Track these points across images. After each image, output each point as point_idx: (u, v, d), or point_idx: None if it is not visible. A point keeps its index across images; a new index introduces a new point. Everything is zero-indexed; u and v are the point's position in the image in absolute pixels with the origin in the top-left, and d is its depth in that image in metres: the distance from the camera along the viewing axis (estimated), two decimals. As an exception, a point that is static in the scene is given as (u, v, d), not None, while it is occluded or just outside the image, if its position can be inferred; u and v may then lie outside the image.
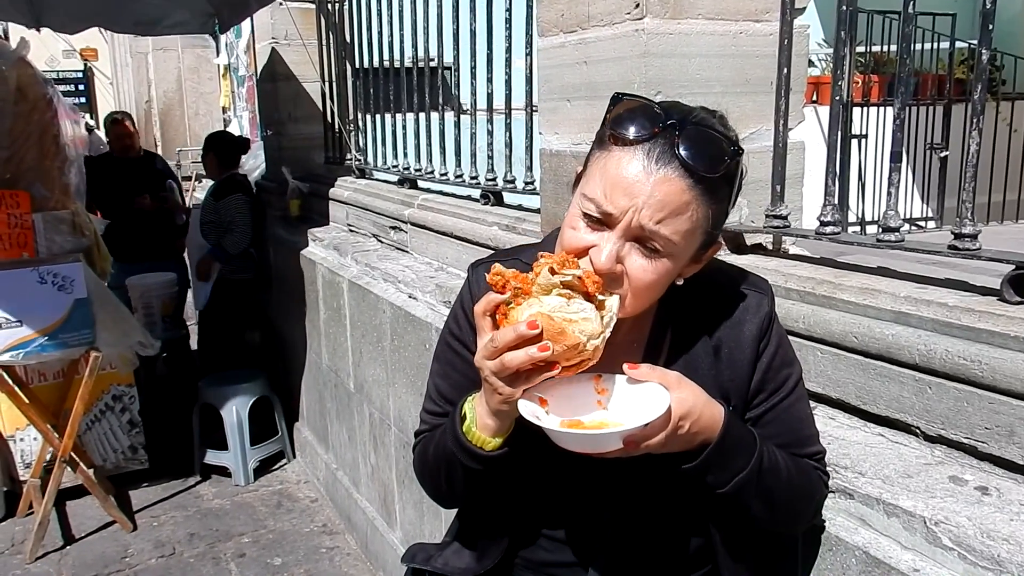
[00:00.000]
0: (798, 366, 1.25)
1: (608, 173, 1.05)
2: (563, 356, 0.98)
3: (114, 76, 13.23)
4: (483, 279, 1.25)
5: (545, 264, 0.99)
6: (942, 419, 1.36)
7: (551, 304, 0.98)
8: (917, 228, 7.72)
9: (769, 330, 1.21)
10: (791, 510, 1.21)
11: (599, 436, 1.02)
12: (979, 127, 1.39)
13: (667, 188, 1.02)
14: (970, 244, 1.41)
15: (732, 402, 1.19)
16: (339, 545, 3.66)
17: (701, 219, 1.05)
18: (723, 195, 1.08)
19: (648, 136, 1.03)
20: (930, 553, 1.19)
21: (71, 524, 3.85)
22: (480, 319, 1.04)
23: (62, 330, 3.65)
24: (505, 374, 1.01)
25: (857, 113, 7.13)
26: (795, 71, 1.81)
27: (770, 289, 1.26)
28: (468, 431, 1.14)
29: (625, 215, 1.03)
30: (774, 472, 1.13)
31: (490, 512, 1.30)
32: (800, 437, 1.23)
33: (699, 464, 1.08)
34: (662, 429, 1.01)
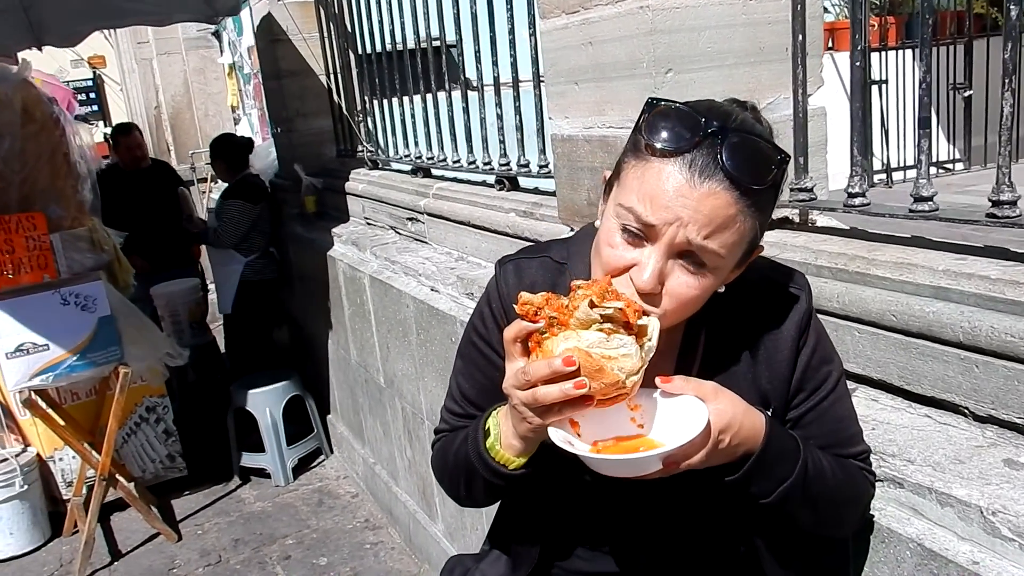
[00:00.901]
0: (838, 361, 1.20)
1: (647, 185, 0.99)
2: (599, 392, 0.93)
3: (123, 82, 13.26)
4: (511, 277, 1.24)
5: (584, 297, 0.93)
6: (991, 398, 1.29)
7: (589, 339, 0.92)
8: (945, 171, 7.54)
9: (808, 328, 1.16)
10: (837, 515, 1.16)
11: (637, 460, 0.97)
12: (1012, 87, 1.30)
13: (713, 202, 0.96)
14: (1009, 211, 1.34)
15: (772, 405, 1.14)
16: (383, 540, 3.67)
17: (748, 231, 1.01)
18: (769, 204, 1.04)
19: (689, 147, 0.98)
20: (989, 544, 1.14)
21: (117, 539, 3.90)
22: (510, 345, 0.99)
23: (89, 349, 3.67)
24: (537, 407, 0.96)
25: (876, 58, 6.94)
26: (811, 35, 1.73)
27: (807, 284, 1.20)
28: (491, 448, 1.11)
29: (668, 229, 0.97)
30: (819, 478, 1.09)
31: (523, 520, 1.27)
32: (843, 437, 1.18)
33: (742, 476, 1.04)
34: (702, 446, 0.97)
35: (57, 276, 3.84)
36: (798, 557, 1.19)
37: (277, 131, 5.20)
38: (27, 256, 3.83)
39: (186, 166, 7.80)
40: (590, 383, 0.92)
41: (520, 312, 0.97)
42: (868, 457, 1.21)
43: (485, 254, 2.83)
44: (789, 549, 1.18)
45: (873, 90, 6.88)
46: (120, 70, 13.11)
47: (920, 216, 1.47)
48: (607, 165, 1.90)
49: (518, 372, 0.97)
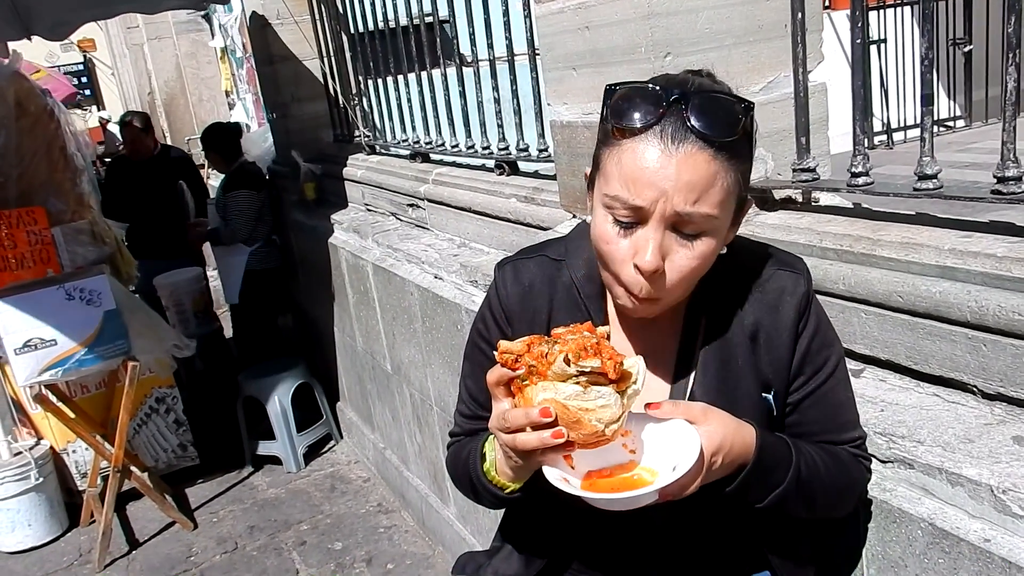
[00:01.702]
0: (838, 346, 1.21)
1: (626, 168, 1.01)
2: (580, 440, 0.96)
3: (114, 66, 13.16)
4: (509, 278, 1.25)
5: (561, 352, 0.94)
6: (1000, 376, 1.30)
7: (566, 392, 0.93)
8: (946, 129, 7.51)
9: (807, 311, 1.17)
10: (831, 505, 1.20)
11: (633, 497, 0.97)
12: (1017, 61, 1.29)
13: (692, 165, 0.98)
14: (1015, 187, 1.33)
15: (774, 388, 1.15)
16: (396, 523, 3.71)
17: (732, 185, 1.03)
18: (745, 154, 1.06)
19: (656, 119, 1.00)
20: (1000, 522, 1.15)
21: (134, 528, 3.94)
22: (493, 388, 1.01)
23: (97, 343, 3.68)
24: (517, 451, 1.00)
25: (873, 17, 6.88)
26: (810, 11, 1.71)
27: (805, 268, 1.21)
28: (488, 472, 1.15)
29: (656, 205, 0.99)
30: (813, 478, 1.12)
31: (535, 517, 1.29)
32: (840, 422, 1.20)
33: (736, 488, 1.07)
34: (697, 473, 0.99)
35: (60, 270, 3.84)
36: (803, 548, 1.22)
37: (272, 117, 5.17)
38: (29, 251, 3.82)
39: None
40: (568, 432, 0.94)
41: (499, 360, 0.98)
42: (863, 443, 1.24)
43: (487, 240, 2.83)
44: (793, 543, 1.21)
45: (872, 50, 6.83)
46: (111, 54, 13.00)
47: (924, 194, 1.46)
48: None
49: (500, 416, 0.99)
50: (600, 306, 1.20)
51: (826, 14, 6.77)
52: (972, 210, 1.48)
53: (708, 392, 1.14)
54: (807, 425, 1.17)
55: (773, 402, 1.16)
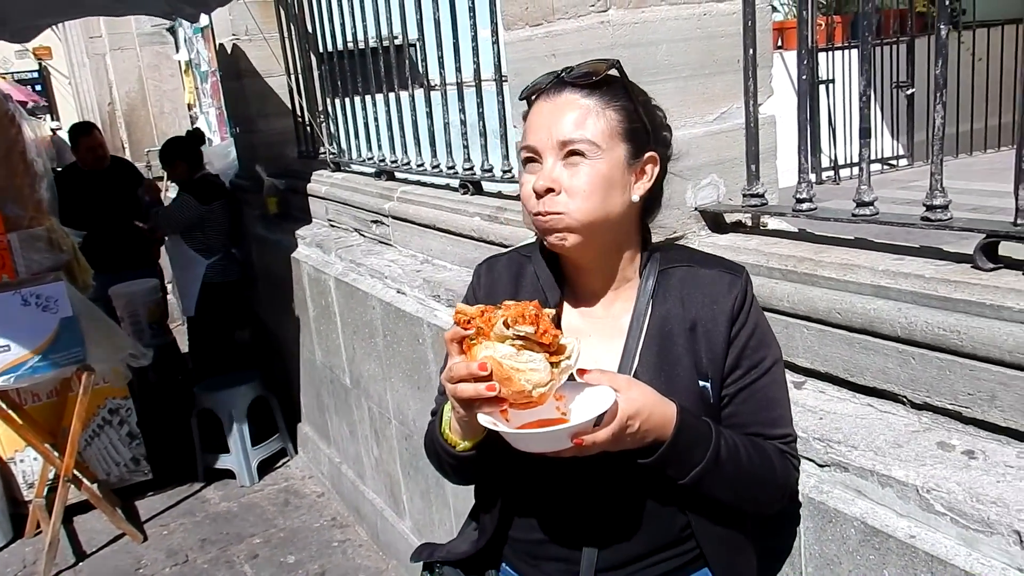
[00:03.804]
0: (776, 350, 1.32)
1: (528, 125, 1.26)
2: (510, 397, 1.08)
3: (72, 76, 12.98)
4: (483, 273, 1.44)
5: (502, 316, 1.08)
6: (927, 387, 1.41)
7: (502, 351, 1.07)
8: (890, 167, 7.81)
9: (743, 309, 1.29)
10: (754, 494, 1.29)
11: (548, 434, 1.09)
12: (943, 100, 1.42)
13: (568, 106, 1.21)
14: (942, 215, 1.46)
15: (710, 377, 1.27)
16: (350, 538, 3.73)
17: (612, 120, 1.21)
18: (620, 97, 1.23)
19: (545, 86, 1.26)
20: (924, 519, 1.25)
21: (81, 540, 3.89)
22: (448, 344, 1.13)
23: (52, 350, 3.65)
24: (458, 399, 1.12)
25: (823, 58, 7.16)
26: (760, 48, 1.83)
27: (746, 273, 1.33)
28: (443, 431, 1.28)
29: (548, 141, 1.21)
30: (733, 461, 1.21)
31: (486, 495, 1.41)
32: (771, 417, 1.30)
33: (654, 460, 1.17)
34: (607, 426, 1.09)
35: (15, 276, 3.81)
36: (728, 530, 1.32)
37: (236, 131, 5.19)
38: (-16, 257, 3.79)
39: (142, 164, 7.69)
40: (501, 388, 1.07)
41: (455, 320, 1.12)
42: (793, 442, 1.33)
43: (451, 257, 2.90)
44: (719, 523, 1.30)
45: (820, 89, 7.11)
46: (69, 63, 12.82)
47: (861, 219, 1.58)
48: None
49: (448, 368, 1.13)
50: (554, 288, 1.34)
51: (778, 53, 7.05)
52: (909, 236, 1.60)
53: (648, 372, 1.25)
54: (740, 417, 1.28)
55: (710, 390, 1.27)
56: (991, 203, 4.86)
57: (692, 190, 1.92)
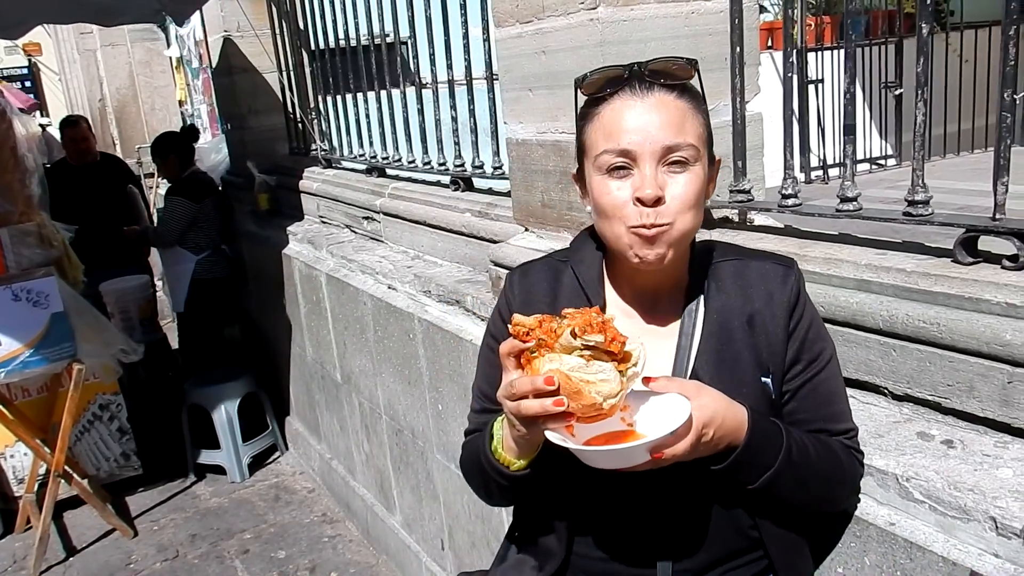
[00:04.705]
0: (831, 342, 1.28)
1: (608, 124, 1.14)
2: (579, 411, 1.01)
3: (62, 72, 12.91)
4: (516, 281, 1.35)
5: (568, 326, 1.01)
6: (907, 379, 1.44)
7: (570, 364, 1.00)
8: (878, 167, 7.87)
9: (799, 301, 1.24)
10: (824, 494, 1.25)
11: (626, 450, 1.04)
12: (924, 97, 1.45)
13: (664, 107, 1.13)
14: (923, 210, 1.49)
15: (771, 372, 1.21)
16: (341, 533, 3.74)
17: (702, 123, 1.16)
18: (701, 99, 1.19)
19: (623, 82, 1.15)
20: (903, 507, 1.28)
21: (71, 536, 3.89)
22: (504, 359, 1.07)
23: (42, 345, 3.65)
24: (520, 417, 1.06)
25: (812, 58, 7.20)
26: (748, 46, 1.86)
27: (796, 264, 1.29)
28: (495, 450, 1.20)
29: (644, 145, 1.11)
30: (804, 463, 1.16)
31: (545, 517, 1.30)
32: (834, 412, 1.26)
33: (728, 466, 1.12)
34: (684, 437, 1.04)
35: (5, 271, 3.80)
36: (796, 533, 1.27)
37: (228, 128, 5.19)
38: (-26, 252, 3.79)
39: (132, 161, 7.67)
40: (569, 402, 1.00)
41: (512, 332, 1.06)
42: (856, 436, 1.29)
43: (441, 253, 2.92)
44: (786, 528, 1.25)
45: (810, 89, 7.15)
46: (59, 59, 12.76)
47: (845, 215, 1.61)
48: (560, 168, 2.02)
49: (507, 384, 1.06)
50: (600, 294, 1.26)
51: (768, 53, 7.09)
52: (894, 233, 1.63)
53: (709, 370, 1.19)
54: (803, 413, 1.23)
55: (772, 386, 1.21)
56: (977, 202, 4.90)
57: (680, 186, 1.94)
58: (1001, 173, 1.37)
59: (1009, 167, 1.37)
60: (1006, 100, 1.33)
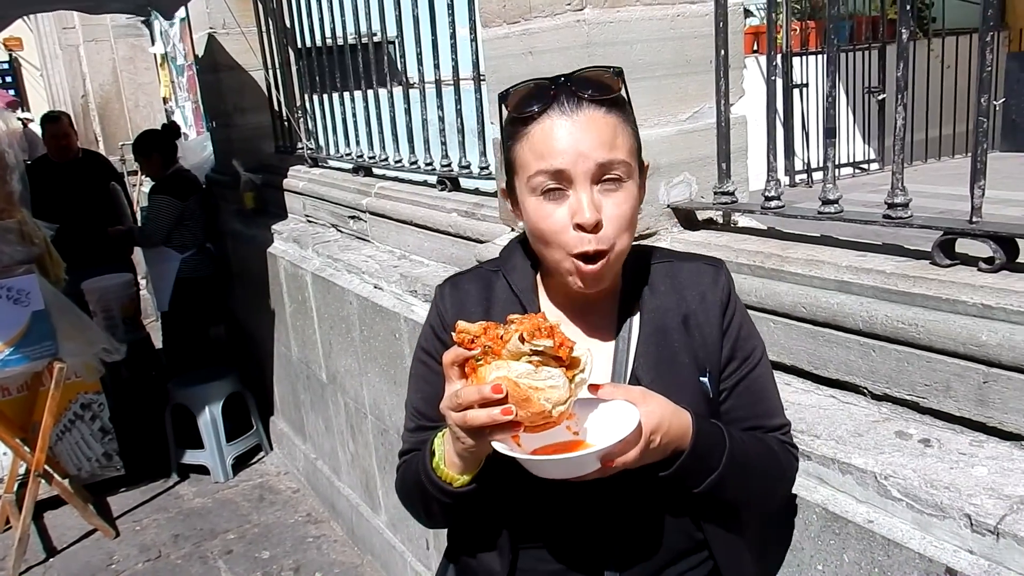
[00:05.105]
0: (761, 340, 1.30)
1: (539, 144, 1.11)
2: (527, 419, 0.99)
3: (44, 67, 12.78)
4: (447, 293, 1.31)
5: (516, 331, 0.99)
6: (886, 379, 1.46)
7: (518, 370, 0.98)
8: (861, 171, 7.94)
9: (731, 299, 1.26)
10: (764, 492, 1.27)
11: (575, 459, 1.02)
12: (904, 102, 1.47)
13: (594, 123, 1.10)
14: (902, 213, 1.51)
15: (708, 370, 1.22)
16: (325, 533, 3.74)
17: (632, 136, 1.15)
18: (629, 112, 1.17)
19: (551, 100, 1.11)
20: (882, 505, 1.30)
21: (51, 536, 3.86)
22: (448, 368, 1.04)
23: (23, 344, 3.63)
24: (467, 428, 1.02)
25: (797, 62, 7.26)
26: (732, 50, 1.89)
27: (724, 265, 1.30)
28: (437, 467, 1.15)
29: (577, 165, 1.09)
30: (746, 463, 1.17)
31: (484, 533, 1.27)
32: (768, 408, 1.27)
33: (674, 472, 1.12)
34: (635, 444, 1.03)
35: (-15, 269, 3.77)
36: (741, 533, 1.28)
37: (213, 126, 5.17)
38: (-45, 250, 3.75)
39: (115, 158, 7.62)
40: (517, 411, 0.97)
41: (456, 340, 1.02)
42: (790, 431, 1.30)
43: (428, 252, 2.93)
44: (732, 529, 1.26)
45: (794, 93, 7.20)
46: (40, 55, 12.62)
47: (827, 217, 1.64)
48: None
49: (452, 395, 1.02)
50: (535, 302, 1.24)
51: (754, 57, 7.14)
52: (876, 236, 1.66)
53: (648, 376, 1.19)
54: (739, 410, 1.24)
55: (709, 385, 1.21)
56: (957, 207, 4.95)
57: (665, 188, 1.96)
58: (978, 177, 1.40)
59: (986, 171, 1.40)
60: (983, 105, 1.35)
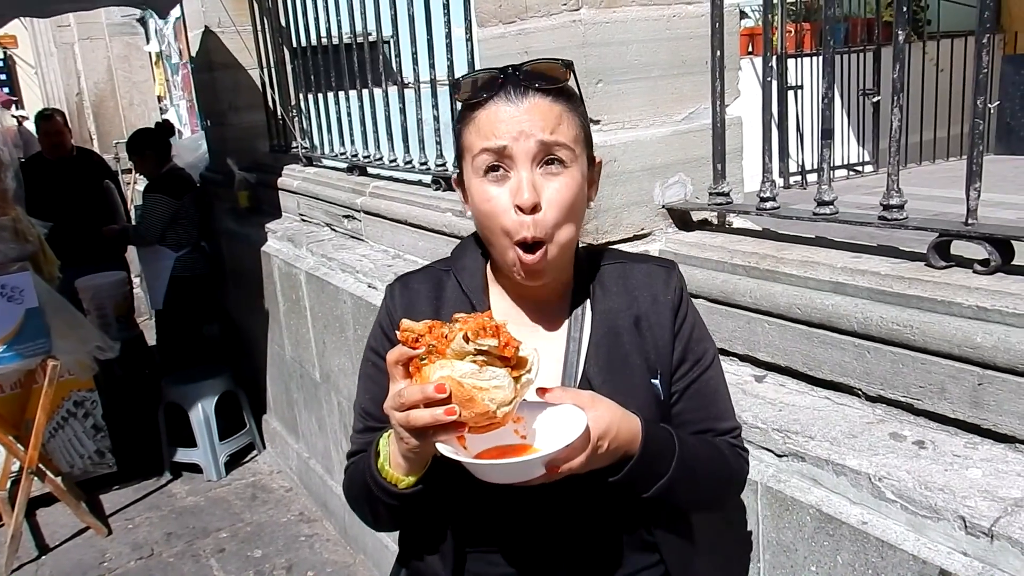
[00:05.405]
0: (713, 342, 1.30)
1: (483, 125, 1.12)
2: (471, 420, 0.97)
3: (38, 65, 12.76)
4: (397, 292, 1.30)
5: (461, 330, 0.97)
6: (881, 380, 1.46)
7: (462, 370, 0.96)
8: (855, 173, 7.96)
9: (683, 301, 1.26)
10: (714, 495, 1.28)
11: (520, 464, 1.00)
12: (900, 104, 1.47)
13: (538, 108, 1.11)
14: (897, 214, 1.51)
15: (659, 372, 1.22)
16: (318, 532, 3.73)
17: (579, 124, 1.15)
18: (578, 100, 1.18)
19: (498, 87, 1.13)
20: (876, 507, 1.30)
21: (44, 533, 3.85)
22: (392, 367, 1.03)
23: (16, 341, 3.61)
24: (410, 428, 1.01)
25: (792, 64, 7.28)
26: (728, 51, 1.88)
27: (677, 267, 1.30)
28: (382, 468, 1.13)
29: (519, 144, 1.09)
30: (695, 467, 1.17)
31: (429, 537, 1.26)
32: (720, 411, 1.27)
33: (623, 477, 1.11)
34: (582, 450, 1.02)
35: (-20, 268, 3.76)
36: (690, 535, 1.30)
37: (207, 124, 5.16)
38: (-52, 247, 3.74)
39: (110, 156, 7.60)
40: (461, 411, 0.96)
41: (400, 339, 1.01)
42: (740, 434, 1.30)
43: (422, 252, 2.92)
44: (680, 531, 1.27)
45: (789, 95, 7.22)
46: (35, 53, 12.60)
47: (822, 218, 1.64)
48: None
49: (395, 394, 1.01)
50: (484, 301, 1.23)
51: (748, 59, 7.15)
52: (871, 237, 1.66)
53: (599, 377, 1.18)
54: (690, 413, 1.24)
55: (660, 387, 1.21)
56: (951, 209, 4.97)
57: (660, 188, 1.96)
58: (974, 179, 1.40)
59: (982, 173, 1.40)
60: (979, 107, 1.35)
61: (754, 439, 1.51)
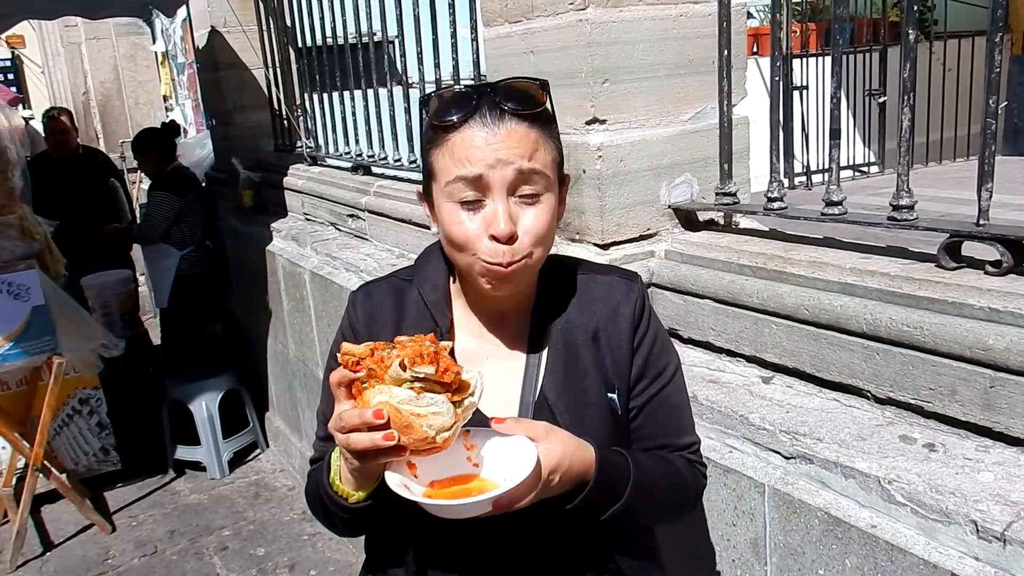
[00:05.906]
0: (676, 355, 1.29)
1: (458, 152, 1.09)
2: (412, 444, 0.98)
3: (45, 65, 12.79)
4: (359, 301, 1.29)
5: (398, 357, 0.97)
6: (890, 382, 1.45)
7: (400, 396, 0.96)
8: (861, 174, 7.93)
9: (643, 315, 1.24)
10: (669, 511, 1.28)
11: (467, 505, 1.00)
12: (910, 103, 1.46)
13: (516, 135, 1.08)
14: (907, 215, 1.50)
15: (617, 388, 1.21)
16: (320, 531, 3.72)
17: (553, 149, 1.13)
18: (553, 126, 1.16)
19: (472, 109, 1.09)
20: (885, 510, 1.29)
21: (48, 530, 3.85)
22: (335, 388, 1.03)
23: (22, 339, 3.62)
24: (351, 451, 1.01)
25: (797, 64, 7.25)
26: (735, 50, 1.87)
27: (640, 279, 1.29)
28: (333, 482, 1.14)
29: (496, 172, 1.07)
30: (651, 488, 1.16)
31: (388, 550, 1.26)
32: (679, 427, 1.27)
33: (579, 504, 1.10)
34: (532, 488, 1.02)
35: (-15, 265, 3.76)
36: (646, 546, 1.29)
37: (212, 123, 5.16)
38: (-46, 245, 3.75)
39: (116, 155, 7.61)
40: (400, 436, 0.96)
41: (341, 362, 1.01)
42: (698, 449, 1.29)
43: (427, 250, 2.91)
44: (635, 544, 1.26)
45: (794, 96, 7.19)
46: (42, 52, 12.63)
47: (830, 219, 1.62)
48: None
49: (337, 416, 1.01)
50: (446, 315, 1.22)
51: (754, 59, 7.13)
52: (878, 238, 1.65)
53: (555, 391, 1.18)
54: (649, 428, 1.23)
55: (617, 402, 1.20)
56: (959, 210, 4.95)
57: (666, 188, 1.95)
58: (985, 179, 1.38)
59: (993, 174, 1.38)
60: (991, 107, 1.34)
61: (761, 441, 1.50)
